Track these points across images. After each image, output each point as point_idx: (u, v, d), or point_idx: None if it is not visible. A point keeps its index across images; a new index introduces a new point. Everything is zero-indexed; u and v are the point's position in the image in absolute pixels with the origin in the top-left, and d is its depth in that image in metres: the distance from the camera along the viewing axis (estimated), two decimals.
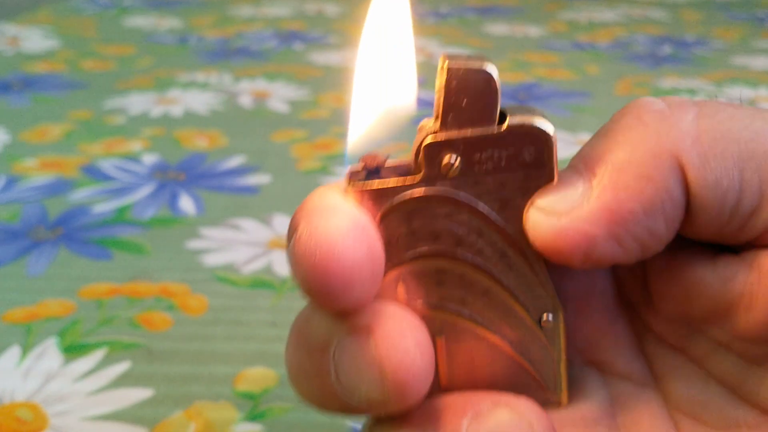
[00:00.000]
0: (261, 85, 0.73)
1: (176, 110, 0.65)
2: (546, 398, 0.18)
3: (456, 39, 0.94)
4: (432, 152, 0.16)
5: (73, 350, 0.33)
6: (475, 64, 0.15)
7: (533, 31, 0.98)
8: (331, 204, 0.15)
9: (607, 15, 1.09)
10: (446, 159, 0.16)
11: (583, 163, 0.16)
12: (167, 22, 1.00)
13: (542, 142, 0.16)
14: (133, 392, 0.30)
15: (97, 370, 0.32)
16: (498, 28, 1.00)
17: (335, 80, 0.74)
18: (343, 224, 0.15)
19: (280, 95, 0.70)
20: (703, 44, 0.91)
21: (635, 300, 0.19)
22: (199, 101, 0.67)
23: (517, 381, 0.18)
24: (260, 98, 0.69)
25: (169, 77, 0.75)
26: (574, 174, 0.16)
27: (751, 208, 0.16)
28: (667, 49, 0.88)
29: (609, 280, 0.19)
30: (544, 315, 0.17)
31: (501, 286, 0.17)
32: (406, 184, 0.16)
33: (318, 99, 0.69)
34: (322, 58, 0.83)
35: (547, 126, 0.16)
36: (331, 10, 1.10)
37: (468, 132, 0.16)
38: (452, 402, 0.17)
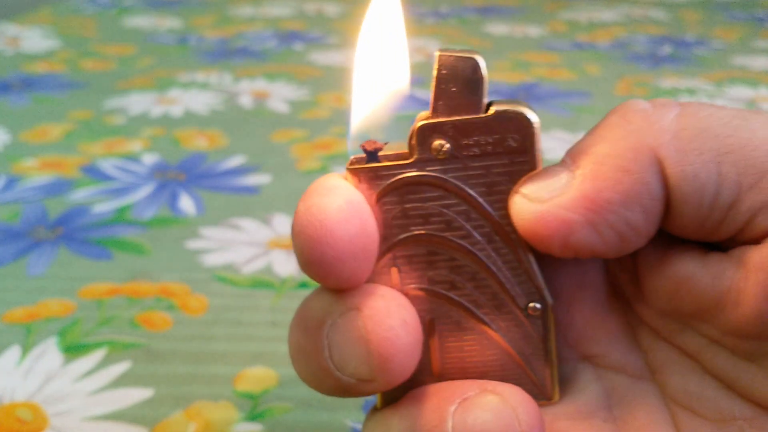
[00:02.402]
0: (261, 85, 0.73)
1: (176, 110, 0.65)
2: (537, 392, 0.18)
3: (456, 39, 0.94)
4: (424, 135, 0.17)
5: (73, 350, 0.33)
6: (463, 54, 0.17)
7: (533, 31, 0.98)
8: (329, 185, 0.17)
9: (607, 15, 1.09)
10: (436, 142, 0.17)
11: (570, 157, 0.17)
12: (167, 22, 1.00)
13: (525, 129, 0.17)
14: (133, 392, 0.30)
15: (97, 370, 0.32)
16: (498, 28, 1.00)
17: (335, 80, 0.74)
18: (337, 201, 0.16)
19: (280, 95, 0.70)
20: (703, 44, 0.91)
21: (628, 294, 0.19)
22: (199, 101, 0.68)
23: (508, 372, 0.18)
24: (260, 98, 0.69)
25: (169, 77, 0.75)
26: (560, 166, 0.17)
27: (730, 200, 0.16)
28: (667, 49, 0.88)
29: (600, 274, 0.19)
30: (531, 303, 0.18)
31: (488, 271, 0.18)
32: (398, 165, 0.17)
33: (318, 99, 0.69)
34: (322, 58, 0.84)
35: (530, 114, 0.17)
36: (330, 10, 1.10)
37: (457, 117, 0.17)
38: (441, 389, 0.17)
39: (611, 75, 0.77)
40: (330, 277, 0.16)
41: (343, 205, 0.16)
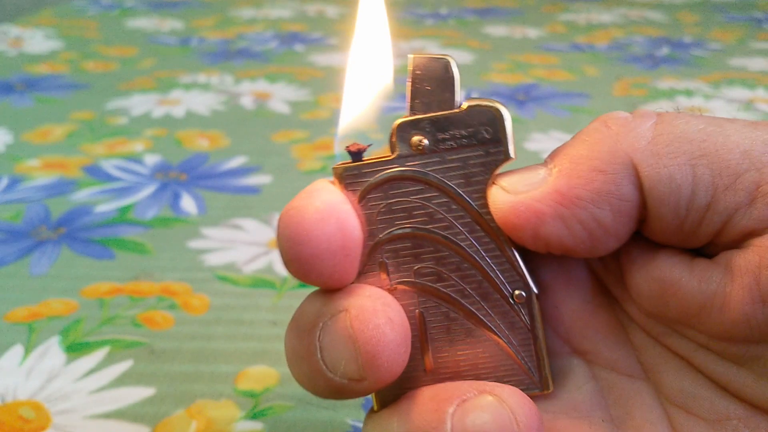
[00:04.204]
0: (262, 86, 0.73)
1: (178, 111, 0.65)
2: (530, 383, 0.19)
3: (455, 40, 0.94)
4: (403, 132, 0.18)
5: (75, 349, 0.33)
6: (435, 55, 0.18)
7: (532, 32, 0.99)
8: (312, 188, 0.18)
9: (605, 16, 1.09)
10: (415, 138, 0.18)
11: (550, 156, 0.18)
12: (169, 24, 1.01)
13: (497, 121, 0.18)
14: (135, 391, 0.31)
15: (99, 368, 0.32)
16: (497, 30, 1.00)
17: (336, 81, 0.75)
18: (315, 203, 0.17)
19: (281, 96, 0.70)
20: (701, 45, 0.91)
21: (616, 295, 0.19)
22: (200, 102, 0.68)
23: (500, 364, 0.19)
24: (261, 99, 0.69)
25: (170, 78, 0.75)
26: (540, 164, 0.18)
27: (706, 201, 0.17)
28: (664, 51, 0.89)
29: (584, 272, 0.20)
30: (517, 291, 0.18)
31: (472, 260, 0.18)
32: (380, 161, 0.18)
33: (318, 100, 0.69)
34: (322, 59, 0.84)
35: (500, 107, 0.18)
36: (331, 11, 1.11)
37: (433, 114, 0.18)
38: (439, 391, 0.18)
39: (609, 76, 0.78)
40: (311, 275, 0.17)
41: (321, 206, 0.17)
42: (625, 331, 0.19)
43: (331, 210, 0.17)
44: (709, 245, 0.17)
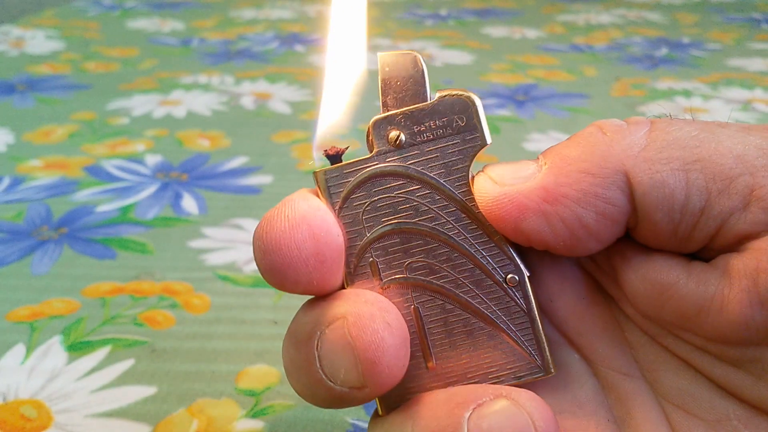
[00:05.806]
0: (262, 86, 0.73)
1: (179, 111, 0.66)
2: (533, 367, 0.19)
3: (455, 41, 0.94)
4: (379, 129, 0.18)
5: (77, 348, 0.33)
6: (402, 52, 0.18)
7: (531, 33, 0.99)
8: (289, 198, 0.18)
9: (603, 17, 1.09)
10: (392, 134, 0.18)
11: (542, 154, 0.18)
12: (170, 24, 1.01)
13: (469, 108, 0.18)
14: (136, 390, 0.31)
15: (100, 367, 0.32)
16: (496, 31, 1.00)
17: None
18: (286, 212, 0.17)
19: (282, 96, 0.70)
20: (699, 46, 0.91)
21: (612, 294, 0.19)
22: (201, 102, 0.68)
23: (500, 352, 0.19)
24: (262, 99, 0.69)
25: (171, 79, 0.75)
26: (532, 160, 0.18)
27: (700, 206, 0.17)
28: (663, 51, 0.89)
29: (575, 268, 0.20)
30: (509, 275, 0.19)
31: (462, 249, 0.18)
32: (360, 160, 0.18)
33: (319, 100, 0.69)
34: (322, 59, 0.84)
35: (471, 94, 0.18)
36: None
37: (406, 108, 0.18)
38: (453, 394, 0.18)
39: (608, 77, 0.78)
40: (286, 284, 0.17)
41: (291, 214, 0.17)
42: (621, 328, 0.19)
43: (302, 218, 0.17)
44: (703, 249, 0.18)
